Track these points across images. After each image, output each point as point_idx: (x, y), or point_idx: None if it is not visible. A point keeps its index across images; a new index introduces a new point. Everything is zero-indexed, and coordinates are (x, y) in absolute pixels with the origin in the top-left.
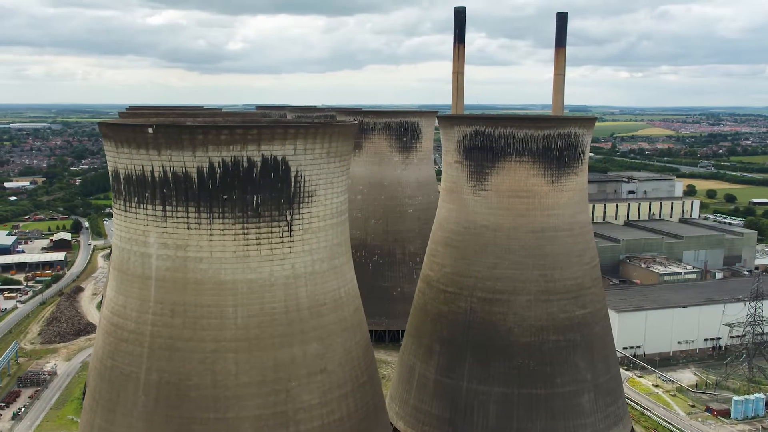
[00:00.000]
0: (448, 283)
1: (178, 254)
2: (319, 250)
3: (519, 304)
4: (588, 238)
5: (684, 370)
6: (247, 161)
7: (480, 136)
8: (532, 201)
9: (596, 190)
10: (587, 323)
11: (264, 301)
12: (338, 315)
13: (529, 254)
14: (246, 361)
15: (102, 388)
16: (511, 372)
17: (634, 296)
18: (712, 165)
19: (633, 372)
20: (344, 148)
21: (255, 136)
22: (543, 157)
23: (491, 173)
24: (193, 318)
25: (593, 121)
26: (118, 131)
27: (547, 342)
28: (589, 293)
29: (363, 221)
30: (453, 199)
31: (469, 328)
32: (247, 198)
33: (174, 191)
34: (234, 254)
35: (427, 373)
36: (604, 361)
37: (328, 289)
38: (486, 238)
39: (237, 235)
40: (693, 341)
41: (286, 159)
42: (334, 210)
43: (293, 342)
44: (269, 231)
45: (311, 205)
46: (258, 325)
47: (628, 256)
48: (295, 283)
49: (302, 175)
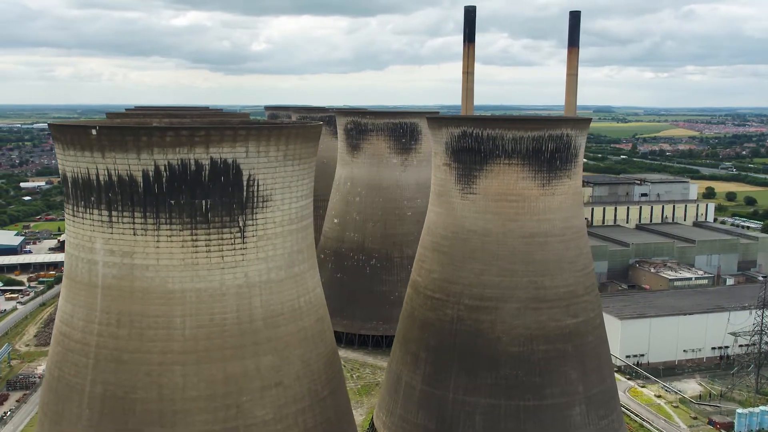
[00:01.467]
0: (436, 289)
1: (124, 261)
2: (276, 258)
3: (507, 312)
4: (581, 244)
5: (689, 380)
6: (194, 164)
7: (468, 138)
8: (521, 205)
9: (607, 192)
10: (579, 333)
11: (214, 312)
12: (297, 326)
13: (519, 260)
14: (194, 374)
15: (50, 400)
16: (498, 382)
17: (639, 302)
18: (733, 167)
19: (635, 381)
20: (304, 151)
21: (203, 138)
22: (533, 160)
23: (480, 176)
24: (140, 328)
25: (587, 122)
26: (63, 132)
27: (536, 352)
28: (582, 301)
29: (361, 224)
30: (441, 202)
31: (456, 336)
32: (195, 203)
33: (119, 195)
34: (182, 262)
35: (414, 382)
36: (597, 372)
37: (285, 299)
38: (474, 244)
39: (185, 241)
40: (699, 350)
41: (237, 162)
42: (294, 215)
43: (245, 354)
44: (220, 237)
45: (266, 211)
46: (207, 336)
47: (638, 260)
48: (248, 292)
49: (255, 178)
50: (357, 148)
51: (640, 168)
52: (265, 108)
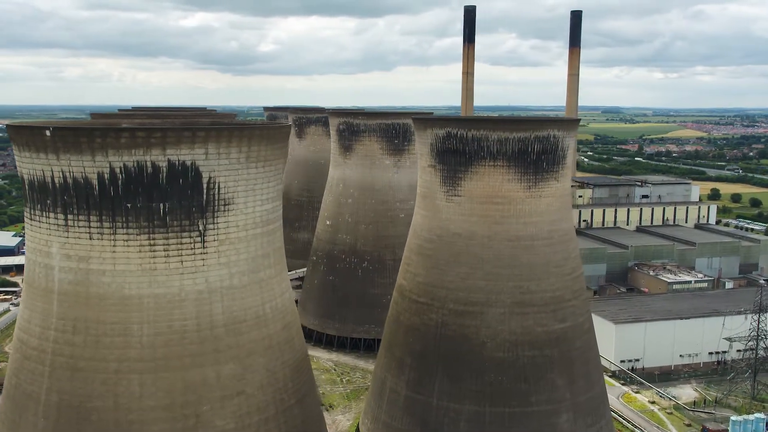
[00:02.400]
0: (420, 293)
1: (80, 266)
2: (239, 263)
3: (492, 316)
4: (569, 248)
5: (685, 385)
6: (151, 166)
7: (452, 139)
8: (507, 208)
9: (608, 194)
10: (567, 338)
11: (173, 318)
12: (261, 333)
13: (504, 264)
14: (152, 383)
15: (7, 408)
16: (483, 389)
17: (636, 306)
18: (740, 168)
19: (630, 387)
20: (270, 153)
21: (159, 139)
22: (519, 162)
23: (464, 178)
24: (96, 336)
25: (575, 123)
26: (19, 133)
27: (521, 357)
28: (569, 306)
29: (353, 226)
30: (426, 205)
31: (441, 341)
32: (152, 206)
33: (75, 199)
34: (139, 267)
35: (398, 387)
36: (585, 378)
37: (248, 305)
38: (459, 247)
39: (142, 246)
40: (696, 355)
41: (196, 164)
42: (258, 219)
43: (206, 362)
44: (179, 242)
45: (228, 214)
46: (166, 343)
47: (637, 263)
48: (209, 298)
49: (216, 181)
50: (349, 149)
51: (645, 169)
52: (264, 109)
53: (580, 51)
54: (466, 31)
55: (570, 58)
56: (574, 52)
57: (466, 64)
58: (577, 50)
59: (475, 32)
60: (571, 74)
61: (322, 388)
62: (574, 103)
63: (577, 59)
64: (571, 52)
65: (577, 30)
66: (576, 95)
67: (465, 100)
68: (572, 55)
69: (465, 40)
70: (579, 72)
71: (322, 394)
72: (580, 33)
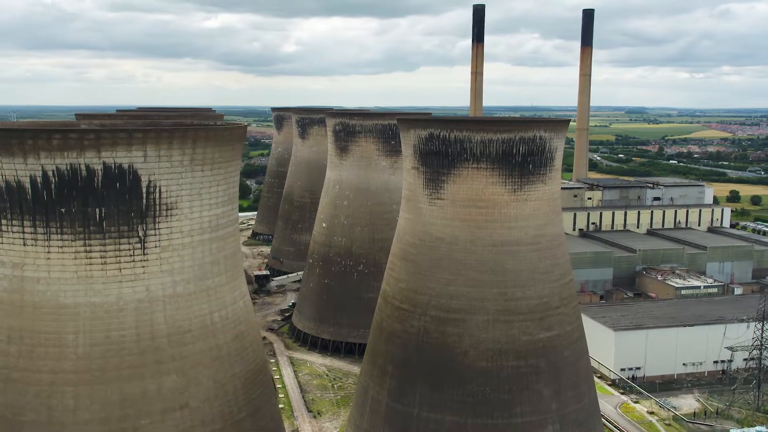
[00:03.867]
0: (403, 299)
1: (14, 273)
2: (184, 270)
3: (475, 324)
4: (558, 253)
5: (687, 395)
6: (86, 170)
7: (435, 140)
8: (491, 212)
9: (618, 196)
10: (554, 347)
11: (110, 328)
12: (208, 343)
13: (488, 270)
14: (87, 396)
15: None
16: (465, 399)
17: (638, 312)
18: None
19: (629, 396)
20: (218, 155)
21: (93, 141)
22: (503, 164)
23: (447, 181)
24: (30, 346)
25: (564, 124)
26: None
27: (505, 367)
28: (557, 314)
29: (348, 228)
30: (410, 208)
31: (422, 349)
32: (88, 211)
33: (8, 203)
34: (75, 274)
35: (380, 396)
36: (574, 389)
37: (194, 314)
38: (441, 252)
39: (78, 253)
40: (700, 363)
41: (134, 167)
42: (206, 224)
43: (145, 374)
44: (117, 249)
45: (171, 220)
46: (102, 354)
47: (645, 267)
48: (149, 307)
49: (157, 185)
50: (345, 150)
51: (664, 170)
52: (272, 109)
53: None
54: (475, 30)
55: (582, 58)
56: (585, 52)
57: (475, 63)
58: (589, 49)
59: (484, 31)
60: (582, 74)
61: (312, 394)
62: (586, 103)
63: (589, 59)
64: (583, 52)
65: (589, 29)
66: (588, 95)
67: (474, 101)
68: (584, 55)
69: (474, 39)
70: (591, 72)
71: (312, 401)
72: (592, 32)
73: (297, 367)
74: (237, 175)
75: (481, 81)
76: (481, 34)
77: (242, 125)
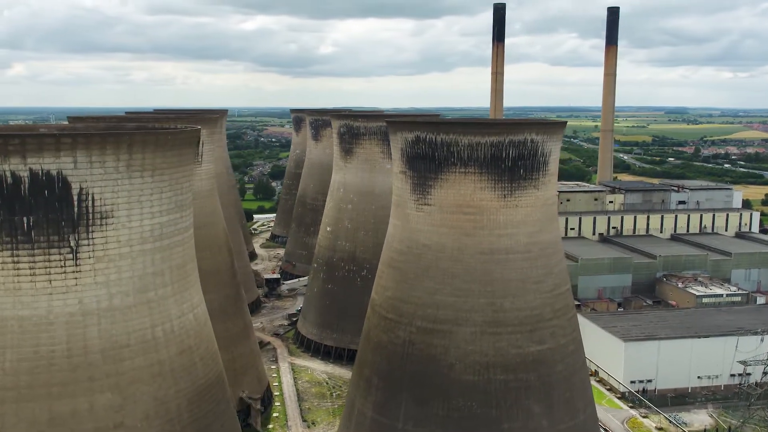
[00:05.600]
0: (389, 308)
1: None
2: (122, 282)
3: (462, 336)
4: (551, 262)
5: (700, 410)
6: (11, 176)
7: (422, 143)
8: (479, 218)
9: (641, 199)
10: (545, 361)
11: (39, 343)
12: (148, 359)
13: (475, 279)
14: (13, 414)
15: None
16: (450, 414)
17: (651, 322)
18: None
19: (638, 410)
20: (160, 161)
21: (17, 146)
22: (492, 168)
23: (434, 186)
24: None
25: (558, 126)
26: None
27: (493, 381)
28: (549, 326)
29: (352, 232)
30: (398, 214)
31: (407, 361)
32: (15, 220)
33: None
34: (2, 286)
35: (365, 409)
36: (567, 405)
37: (134, 328)
38: (428, 260)
39: (5, 263)
40: (717, 377)
41: (63, 174)
42: (148, 234)
43: (77, 392)
44: (47, 259)
45: (107, 229)
46: (30, 371)
47: (666, 274)
48: (82, 321)
49: (89, 192)
50: (350, 152)
51: (699, 172)
52: (291, 111)
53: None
54: (496, 29)
55: (606, 57)
56: (610, 51)
57: (495, 63)
58: (614, 48)
59: (504, 31)
60: (607, 74)
61: (309, 403)
62: (611, 103)
63: (614, 58)
64: (608, 51)
65: (614, 27)
66: (613, 95)
67: (494, 101)
68: (608, 54)
69: (494, 38)
70: (616, 71)
71: (308, 409)
72: (617, 30)
73: (297, 374)
74: (187, 181)
75: (502, 81)
76: (502, 34)
77: (189, 129)
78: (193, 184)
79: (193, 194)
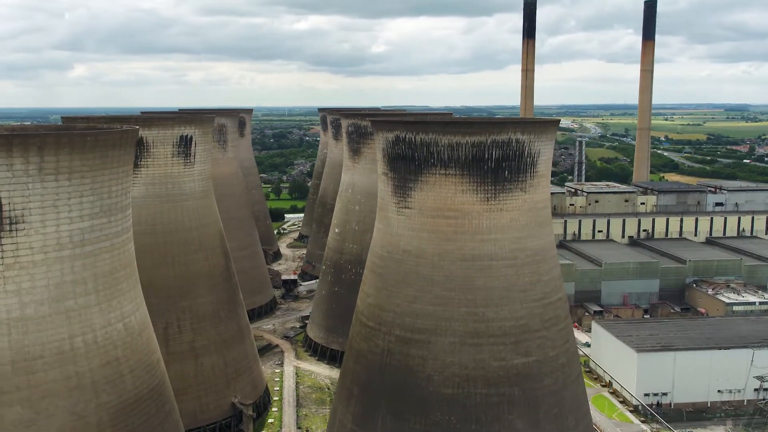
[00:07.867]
0: (370, 316)
1: None
2: (36, 290)
3: (441, 347)
4: (541, 269)
5: (718, 426)
6: None
7: (401, 143)
8: (460, 222)
9: (675, 201)
10: (531, 375)
11: None
12: (65, 371)
13: (456, 287)
14: None
15: None
16: (429, 429)
17: (671, 331)
18: None
19: (650, 425)
20: (78, 163)
21: None
22: (474, 170)
23: (415, 188)
24: None
25: (549, 125)
26: None
27: (474, 395)
28: (536, 337)
29: (360, 234)
30: (381, 218)
31: (385, 371)
32: None
33: None
34: None
35: (345, 420)
36: (556, 422)
37: (48, 339)
38: (408, 266)
39: None
40: (739, 391)
41: None
42: (66, 240)
43: None
44: None
45: (17, 235)
46: None
47: (696, 279)
48: None
49: None
50: (358, 152)
51: (751, 172)
52: (318, 110)
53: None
54: (526, 26)
55: (643, 53)
56: (647, 46)
57: (525, 60)
58: (651, 44)
59: (535, 27)
60: (644, 70)
61: (307, 409)
62: (648, 101)
63: (651, 53)
64: (644, 46)
65: (651, 22)
66: (650, 92)
67: (525, 99)
68: (645, 49)
69: (524, 35)
70: (653, 67)
71: (305, 416)
72: (655, 25)
73: (300, 379)
74: (115, 184)
75: (533, 78)
76: (533, 30)
77: (111, 130)
78: (131, 188)
79: (185, 195)
